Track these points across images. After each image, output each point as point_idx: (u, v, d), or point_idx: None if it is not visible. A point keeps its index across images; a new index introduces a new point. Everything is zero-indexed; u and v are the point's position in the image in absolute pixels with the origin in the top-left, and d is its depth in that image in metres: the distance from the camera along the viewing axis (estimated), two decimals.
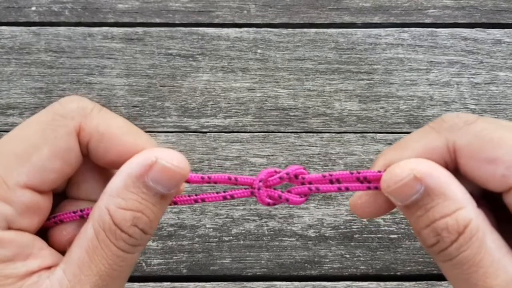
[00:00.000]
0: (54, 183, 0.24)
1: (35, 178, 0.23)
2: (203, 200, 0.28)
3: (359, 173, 0.26)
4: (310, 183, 0.27)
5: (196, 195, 0.28)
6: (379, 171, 0.25)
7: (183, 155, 0.25)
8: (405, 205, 0.24)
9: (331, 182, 0.27)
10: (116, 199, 0.23)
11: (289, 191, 0.27)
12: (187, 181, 0.27)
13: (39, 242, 0.25)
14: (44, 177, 0.24)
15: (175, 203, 0.27)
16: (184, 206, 0.54)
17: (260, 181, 0.27)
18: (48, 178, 0.24)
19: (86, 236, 0.24)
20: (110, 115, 0.25)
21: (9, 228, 0.23)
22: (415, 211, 0.24)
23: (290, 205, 0.54)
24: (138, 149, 0.24)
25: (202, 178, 0.27)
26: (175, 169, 0.24)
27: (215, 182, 0.28)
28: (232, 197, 0.28)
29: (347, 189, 0.27)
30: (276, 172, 0.27)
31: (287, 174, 0.27)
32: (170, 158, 0.24)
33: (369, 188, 0.26)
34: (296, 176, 0.27)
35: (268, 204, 0.27)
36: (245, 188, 0.28)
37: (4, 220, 0.23)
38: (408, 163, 0.24)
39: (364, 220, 0.53)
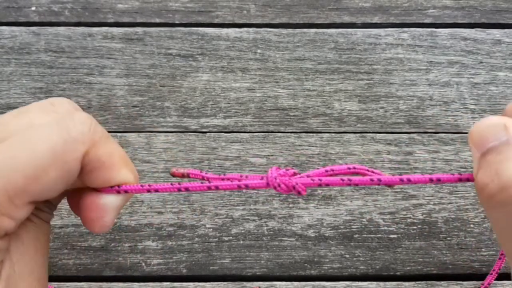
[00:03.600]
0: (51, 197, 0.27)
1: (39, 197, 0.26)
2: (216, 187, 0.30)
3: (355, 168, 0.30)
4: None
5: (205, 178, 0.30)
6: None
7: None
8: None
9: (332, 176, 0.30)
10: None
11: (308, 175, 0.29)
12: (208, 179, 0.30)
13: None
14: (46, 195, 0.27)
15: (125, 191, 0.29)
16: (184, 206, 0.54)
17: (275, 178, 0.29)
18: (50, 196, 0.27)
19: None
20: (113, 145, 0.28)
21: (6, 234, 0.26)
22: None
23: (290, 205, 0.54)
24: (127, 180, 0.29)
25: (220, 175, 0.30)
26: None
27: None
28: (247, 186, 0.29)
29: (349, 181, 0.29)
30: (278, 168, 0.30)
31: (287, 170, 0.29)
32: None
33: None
34: (294, 174, 0.30)
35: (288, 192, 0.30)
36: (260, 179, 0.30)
37: (4, 230, 0.26)
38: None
39: (364, 220, 0.53)
